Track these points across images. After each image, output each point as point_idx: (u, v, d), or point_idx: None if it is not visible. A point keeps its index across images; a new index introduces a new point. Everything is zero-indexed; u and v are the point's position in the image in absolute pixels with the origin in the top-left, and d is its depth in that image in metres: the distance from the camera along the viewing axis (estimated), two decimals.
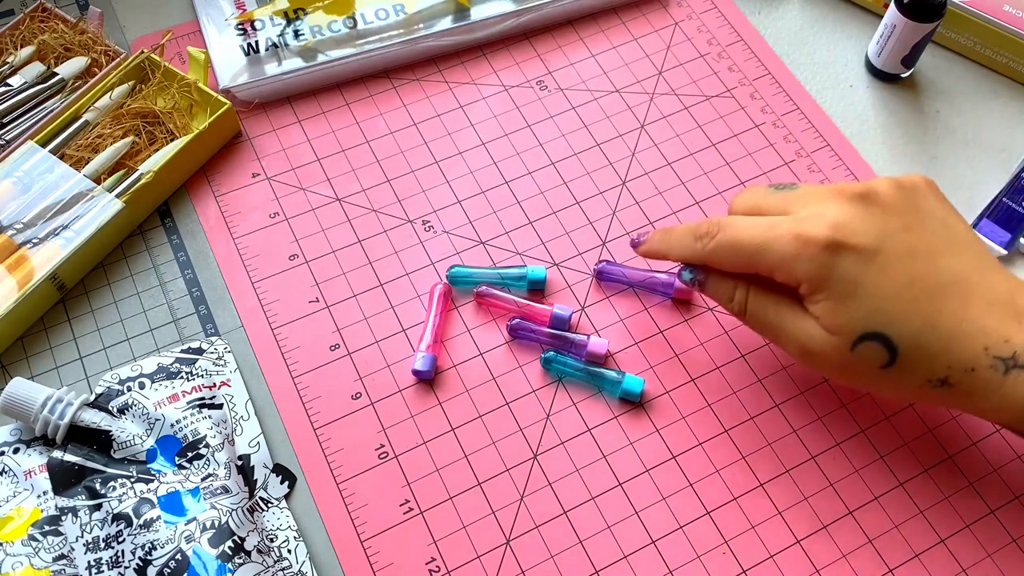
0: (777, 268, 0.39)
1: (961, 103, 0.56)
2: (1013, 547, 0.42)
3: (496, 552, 0.42)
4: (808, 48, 0.58)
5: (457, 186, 0.52)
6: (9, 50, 0.54)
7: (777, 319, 0.40)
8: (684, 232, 0.43)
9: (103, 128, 0.51)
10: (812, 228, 0.38)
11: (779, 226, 0.39)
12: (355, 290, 0.49)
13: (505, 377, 0.46)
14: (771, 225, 0.39)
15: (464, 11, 0.57)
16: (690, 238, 0.42)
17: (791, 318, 0.40)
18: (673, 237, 0.43)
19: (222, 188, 0.52)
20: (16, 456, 0.43)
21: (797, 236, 0.38)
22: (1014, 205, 0.51)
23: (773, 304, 0.40)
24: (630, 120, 0.55)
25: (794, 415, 0.45)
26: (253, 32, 0.55)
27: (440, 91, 0.56)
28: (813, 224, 0.38)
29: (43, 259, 0.47)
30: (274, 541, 0.42)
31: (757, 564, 0.42)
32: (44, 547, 0.41)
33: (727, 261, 0.41)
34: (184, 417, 0.44)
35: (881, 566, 0.42)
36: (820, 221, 0.38)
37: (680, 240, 0.43)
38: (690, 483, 0.44)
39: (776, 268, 0.39)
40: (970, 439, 0.45)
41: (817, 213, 0.38)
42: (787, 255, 0.38)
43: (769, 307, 0.40)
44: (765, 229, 0.39)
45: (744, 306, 0.41)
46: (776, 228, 0.39)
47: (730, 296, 0.42)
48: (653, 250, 0.45)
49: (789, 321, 0.40)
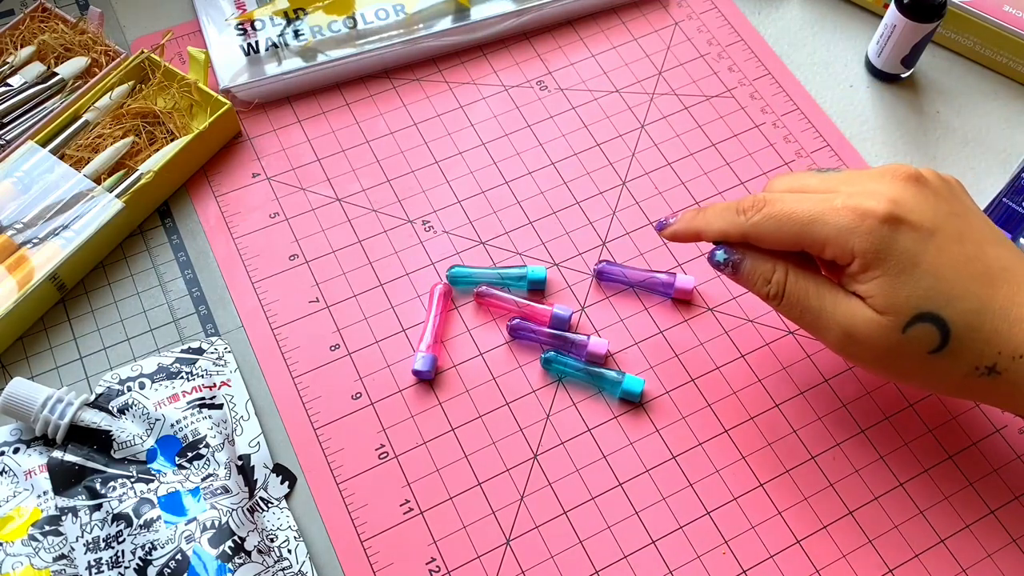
0: (830, 242, 0.37)
1: (961, 103, 0.56)
2: (1013, 547, 0.42)
3: (496, 552, 0.42)
4: (808, 48, 0.58)
5: (457, 186, 0.52)
6: (9, 50, 0.54)
7: (818, 301, 0.38)
8: (723, 207, 0.41)
9: (103, 128, 0.51)
10: (870, 202, 0.37)
11: (833, 199, 0.37)
12: (355, 290, 0.49)
13: (505, 377, 0.46)
14: (824, 199, 0.38)
15: (464, 11, 0.57)
16: (731, 212, 0.40)
17: (833, 300, 0.38)
18: (710, 213, 0.41)
19: (222, 188, 0.52)
20: (16, 456, 0.43)
21: (854, 209, 0.37)
22: (1014, 205, 0.51)
23: (815, 285, 0.39)
24: (630, 120, 0.55)
25: (794, 415, 0.45)
26: (253, 32, 0.55)
27: (440, 91, 0.56)
28: (870, 198, 0.37)
29: (43, 259, 0.47)
30: (274, 541, 0.42)
31: (757, 564, 0.42)
32: (44, 547, 0.41)
33: (772, 236, 0.39)
34: (184, 417, 0.44)
35: (881, 566, 0.42)
36: (877, 196, 0.37)
37: (719, 214, 0.41)
38: (690, 483, 0.44)
39: (829, 242, 0.37)
40: (970, 439, 0.45)
41: (871, 190, 0.37)
42: (843, 228, 0.37)
43: (810, 288, 0.39)
44: (818, 202, 0.38)
45: (782, 288, 0.39)
46: (830, 201, 0.37)
47: (768, 277, 0.40)
48: (684, 229, 0.42)
49: (831, 303, 0.38)
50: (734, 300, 0.49)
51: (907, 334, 0.36)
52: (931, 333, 0.36)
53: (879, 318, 0.37)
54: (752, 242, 0.40)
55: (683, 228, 0.42)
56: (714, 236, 0.41)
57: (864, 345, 0.38)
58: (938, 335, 0.36)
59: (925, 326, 0.36)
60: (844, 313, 0.38)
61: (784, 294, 0.39)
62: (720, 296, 0.49)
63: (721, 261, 0.41)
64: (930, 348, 0.37)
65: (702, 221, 0.41)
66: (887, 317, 0.37)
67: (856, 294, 0.38)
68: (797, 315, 0.40)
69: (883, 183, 0.38)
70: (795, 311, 0.40)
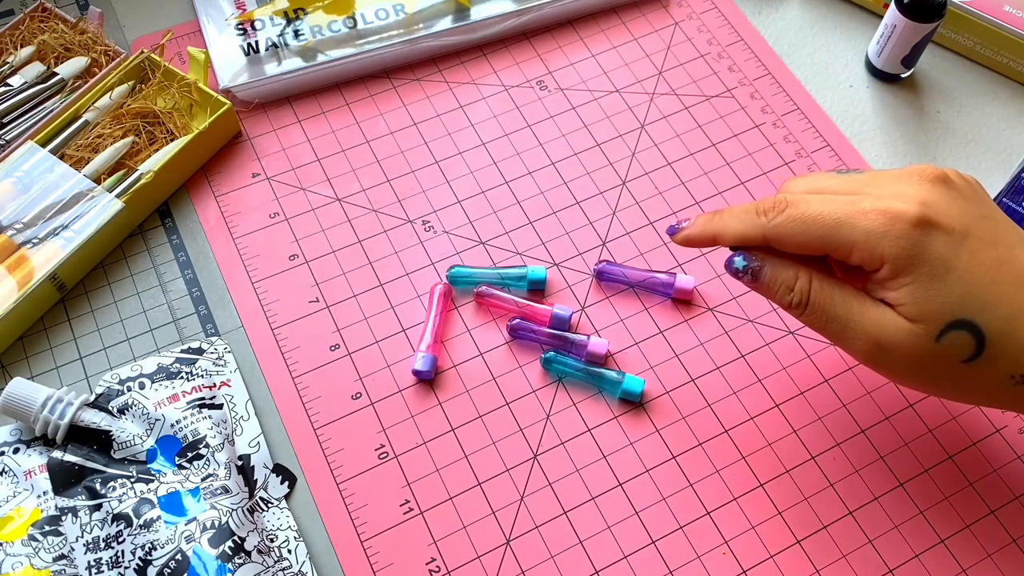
0: (859, 246, 0.35)
1: (961, 103, 0.56)
2: (1013, 547, 0.42)
3: (496, 552, 0.42)
4: (808, 48, 0.58)
5: (457, 186, 0.52)
6: (9, 50, 0.54)
7: (845, 310, 0.36)
8: (741, 209, 0.39)
9: (103, 128, 0.51)
10: (900, 204, 0.35)
11: (860, 202, 0.35)
12: (355, 290, 0.49)
13: (505, 377, 0.46)
14: (851, 200, 0.36)
15: (464, 11, 0.57)
16: (750, 214, 0.38)
17: (861, 308, 0.36)
18: (727, 215, 0.39)
19: (222, 188, 0.52)
20: (16, 456, 0.43)
21: (884, 212, 0.35)
22: (1014, 205, 0.51)
23: (840, 293, 0.37)
24: (630, 120, 0.55)
25: (794, 415, 0.45)
26: (253, 32, 0.55)
27: (440, 91, 0.56)
28: (899, 201, 0.35)
29: (43, 259, 0.47)
30: (274, 541, 0.42)
31: (757, 564, 0.42)
32: (44, 547, 0.41)
33: (796, 239, 0.37)
34: (184, 417, 0.44)
35: (881, 566, 0.42)
36: (906, 199, 0.35)
37: (737, 217, 0.39)
38: (690, 483, 0.44)
39: (857, 246, 0.35)
40: (970, 439, 0.45)
41: (899, 192, 0.36)
42: (872, 232, 0.35)
43: (836, 296, 0.37)
44: (845, 204, 0.36)
45: (806, 296, 0.37)
46: (857, 204, 0.35)
47: (790, 285, 0.38)
48: (699, 234, 0.40)
49: (858, 312, 0.36)
50: (734, 300, 0.49)
51: (940, 343, 0.35)
52: (966, 341, 0.35)
53: (911, 326, 0.35)
54: (774, 245, 0.38)
55: (698, 232, 0.40)
56: (732, 240, 0.39)
57: (894, 355, 0.36)
58: (973, 343, 0.35)
59: (960, 334, 0.35)
60: (872, 322, 0.36)
61: (809, 303, 0.37)
62: (720, 296, 0.49)
63: (740, 268, 0.39)
64: (965, 357, 0.35)
65: (719, 224, 0.39)
66: (919, 325, 0.35)
67: (885, 301, 0.36)
68: (822, 325, 0.38)
69: (910, 185, 0.36)
70: (820, 320, 0.38)
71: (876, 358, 0.37)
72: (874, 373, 0.46)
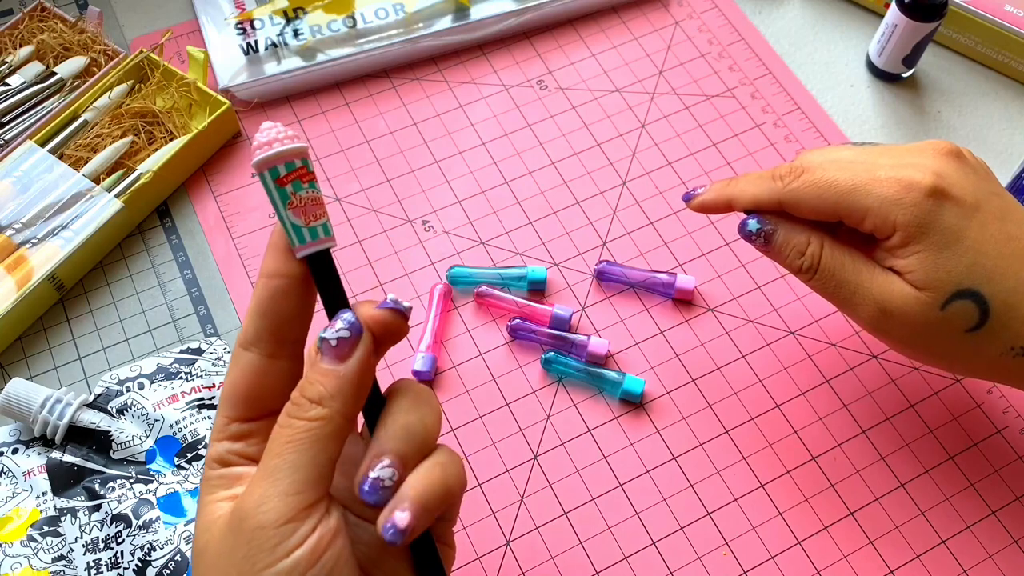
0: (872, 212, 0.36)
1: (962, 103, 0.56)
2: (1014, 548, 0.42)
3: (496, 553, 0.42)
4: (809, 48, 0.58)
5: (457, 186, 0.52)
6: (8, 50, 0.54)
7: (854, 275, 0.37)
8: (757, 175, 0.40)
9: (102, 128, 0.51)
10: (915, 174, 0.36)
11: (876, 170, 0.37)
12: (355, 290, 0.49)
13: (505, 377, 0.46)
14: (867, 168, 0.37)
15: (464, 10, 0.56)
16: (766, 179, 0.39)
17: (869, 274, 0.37)
18: (743, 181, 0.40)
19: (221, 188, 0.52)
20: (15, 456, 0.43)
21: (899, 180, 0.36)
22: None
23: (850, 259, 0.38)
24: (630, 120, 0.55)
25: (795, 416, 0.45)
26: (252, 31, 0.55)
27: (440, 91, 0.56)
28: (915, 171, 0.36)
29: (42, 259, 0.47)
30: None
31: (758, 565, 0.42)
32: (43, 548, 0.41)
33: (810, 204, 0.38)
34: (183, 418, 0.43)
35: (882, 567, 0.42)
36: (922, 169, 0.36)
37: (753, 182, 0.39)
38: (691, 484, 0.44)
39: (871, 212, 0.36)
40: (971, 440, 0.45)
41: (915, 162, 0.37)
42: (887, 199, 0.36)
43: (846, 262, 0.38)
44: (860, 171, 0.37)
45: (817, 260, 0.38)
46: (873, 172, 0.37)
47: (802, 250, 0.38)
48: (714, 199, 0.41)
49: (867, 278, 0.37)
50: (735, 300, 0.49)
51: (946, 311, 0.36)
52: (970, 310, 0.36)
53: (918, 294, 0.36)
54: (788, 210, 0.39)
55: (713, 198, 0.41)
56: (747, 204, 0.40)
57: (900, 321, 0.37)
58: (977, 312, 0.36)
59: (965, 303, 0.36)
60: (880, 288, 0.37)
61: (819, 267, 0.38)
62: (721, 296, 0.49)
63: (754, 231, 0.39)
64: (968, 326, 0.36)
65: (734, 188, 0.40)
66: (926, 293, 0.36)
67: (893, 269, 0.37)
68: (831, 290, 0.38)
69: (925, 157, 0.37)
70: (829, 285, 0.38)
71: (882, 325, 0.37)
72: (874, 373, 0.46)
